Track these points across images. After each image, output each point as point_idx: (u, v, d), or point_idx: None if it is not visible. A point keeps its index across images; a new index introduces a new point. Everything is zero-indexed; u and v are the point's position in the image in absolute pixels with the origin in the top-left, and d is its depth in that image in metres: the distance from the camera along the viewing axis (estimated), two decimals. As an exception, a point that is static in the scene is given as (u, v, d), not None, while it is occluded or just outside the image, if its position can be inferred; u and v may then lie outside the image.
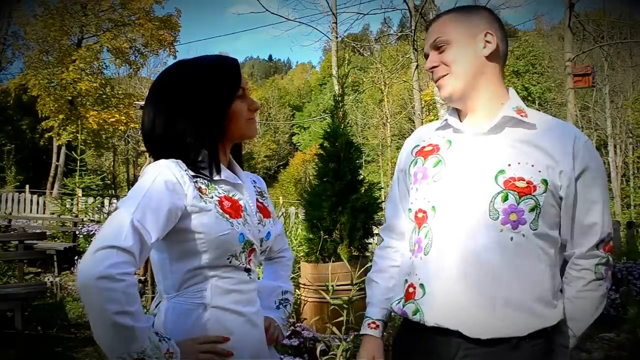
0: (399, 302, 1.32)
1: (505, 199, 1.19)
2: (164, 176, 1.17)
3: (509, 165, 1.21)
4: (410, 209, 1.35)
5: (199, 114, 1.25)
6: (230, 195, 1.28)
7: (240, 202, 1.29)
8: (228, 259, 1.24)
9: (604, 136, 27.83)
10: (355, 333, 3.13)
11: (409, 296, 1.29)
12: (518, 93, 1.40)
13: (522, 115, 1.26)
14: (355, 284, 3.35)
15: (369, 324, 1.42)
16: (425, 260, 1.26)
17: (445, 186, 1.26)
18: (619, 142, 27.91)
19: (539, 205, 1.19)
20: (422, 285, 1.26)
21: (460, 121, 1.34)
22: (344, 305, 3.16)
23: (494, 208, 1.19)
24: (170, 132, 1.26)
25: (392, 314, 1.42)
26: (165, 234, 1.16)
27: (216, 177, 1.26)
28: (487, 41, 1.28)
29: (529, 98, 32.13)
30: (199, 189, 1.22)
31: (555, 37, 27.68)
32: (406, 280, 1.32)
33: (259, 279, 1.41)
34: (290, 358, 2.99)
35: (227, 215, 1.23)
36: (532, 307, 1.19)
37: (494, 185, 1.20)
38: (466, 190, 1.23)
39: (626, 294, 4.86)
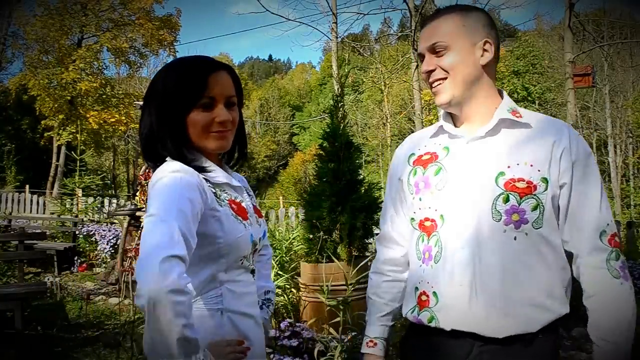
0: (412, 311, 1.32)
1: (507, 200, 1.20)
2: (188, 180, 1.15)
3: (509, 167, 1.22)
4: (413, 218, 1.34)
5: (164, 121, 1.24)
6: (233, 198, 1.28)
7: (243, 204, 1.30)
8: (240, 260, 1.25)
9: (604, 136, 27.82)
10: (353, 333, 3.12)
11: (422, 304, 1.29)
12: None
13: (516, 116, 1.28)
14: (350, 284, 3.33)
15: (367, 343, 1.43)
16: (436, 268, 1.26)
17: (449, 194, 1.26)
18: (619, 142, 27.91)
19: (541, 203, 1.20)
20: (435, 294, 1.26)
21: (456, 126, 1.33)
22: (340, 306, 3.14)
23: (496, 210, 1.20)
24: (152, 135, 1.25)
25: (401, 319, 1.41)
26: None
27: (220, 180, 1.26)
28: (485, 50, 1.29)
29: (529, 98, 32.11)
30: (214, 193, 1.22)
31: (555, 37, 27.67)
32: (416, 289, 1.31)
33: None
34: (290, 359, 2.98)
35: (240, 218, 1.24)
36: (543, 302, 1.20)
37: (495, 188, 1.21)
38: (469, 195, 1.23)
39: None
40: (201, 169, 1.22)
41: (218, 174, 1.26)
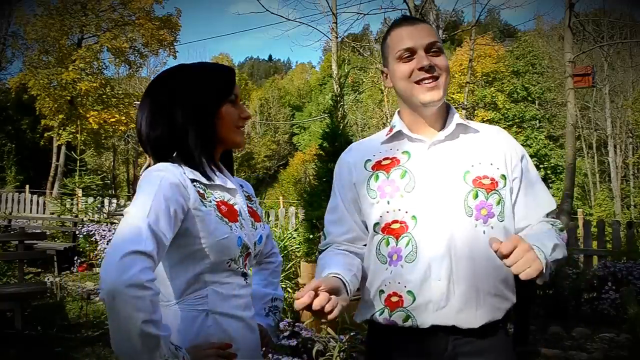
0: (381, 313, 1.32)
1: (476, 196, 1.29)
2: (168, 179, 1.17)
3: (472, 165, 1.33)
4: (377, 222, 1.34)
5: (193, 115, 1.27)
6: (226, 200, 1.29)
7: (236, 207, 1.31)
8: (227, 263, 1.25)
9: (604, 136, 27.83)
10: (352, 333, 3.13)
11: (394, 305, 1.30)
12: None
13: (467, 123, 1.40)
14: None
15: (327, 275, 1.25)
16: (410, 267, 1.28)
17: (420, 195, 1.30)
18: (619, 142, 27.89)
19: (502, 198, 1.32)
20: (410, 292, 1.28)
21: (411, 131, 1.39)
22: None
23: (467, 205, 1.29)
24: (171, 134, 1.27)
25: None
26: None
27: (212, 182, 1.28)
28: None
29: (529, 98, 32.09)
30: (198, 193, 1.23)
31: (555, 37, 27.67)
32: (382, 291, 1.32)
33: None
34: (289, 358, 2.99)
35: (226, 219, 1.24)
36: (503, 291, 1.32)
37: (464, 185, 1.30)
38: (441, 194, 1.30)
39: (626, 294, 4.85)
40: (196, 168, 1.26)
41: (212, 175, 1.29)
